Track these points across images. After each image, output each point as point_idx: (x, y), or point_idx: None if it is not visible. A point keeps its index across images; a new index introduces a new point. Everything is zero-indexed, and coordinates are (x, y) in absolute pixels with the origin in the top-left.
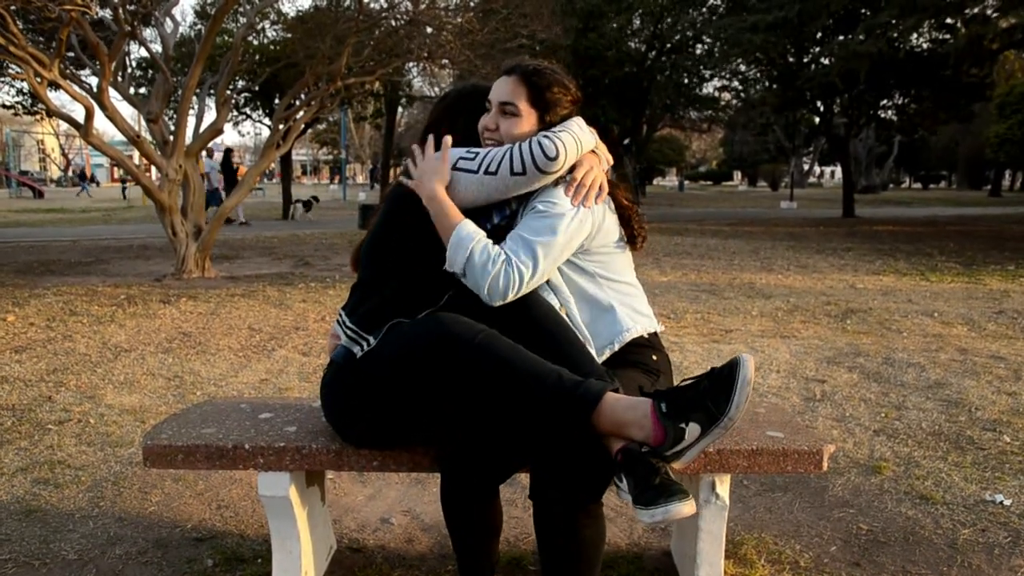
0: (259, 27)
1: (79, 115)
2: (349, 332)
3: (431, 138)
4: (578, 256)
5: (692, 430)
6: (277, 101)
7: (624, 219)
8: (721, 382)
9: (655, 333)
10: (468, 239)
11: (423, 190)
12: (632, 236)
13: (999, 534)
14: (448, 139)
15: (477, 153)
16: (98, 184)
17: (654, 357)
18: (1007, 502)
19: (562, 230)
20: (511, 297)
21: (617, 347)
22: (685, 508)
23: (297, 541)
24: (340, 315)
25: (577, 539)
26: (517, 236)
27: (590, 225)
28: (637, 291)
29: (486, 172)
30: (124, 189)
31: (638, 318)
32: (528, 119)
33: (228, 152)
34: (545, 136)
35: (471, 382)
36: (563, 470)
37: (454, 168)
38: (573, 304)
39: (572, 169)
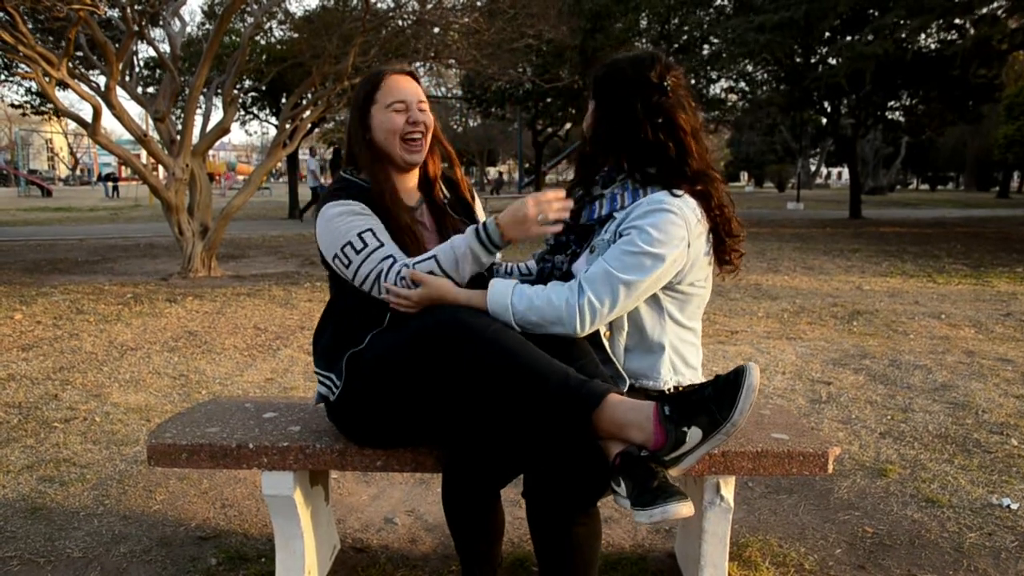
0: (266, 27)
1: (87, 114)
2: (316, 374)
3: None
4: (661, 289)
5: (693, 434)
6: (284, 100)
7: (717, 236)
8: (726, 388)
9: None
10: (502, 295)
11: (459, 302)
12: (723, 256)
13: (1006, 538)
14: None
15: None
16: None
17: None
18: (1014, 506)
19: (654, 272)
20: (587, 327)
21: (639, 386)
22: (683, 509)
23: (301, 540)
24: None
25: (572, 538)
26: (602, 268)
27: (683, 261)
28: (696, 338)
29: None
30: (115, 187)
31: (682, 369)
32: (593, 112)
33: (338, 152)
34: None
35: (478, 372)
36: (559, 471)
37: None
38: (624, 332)
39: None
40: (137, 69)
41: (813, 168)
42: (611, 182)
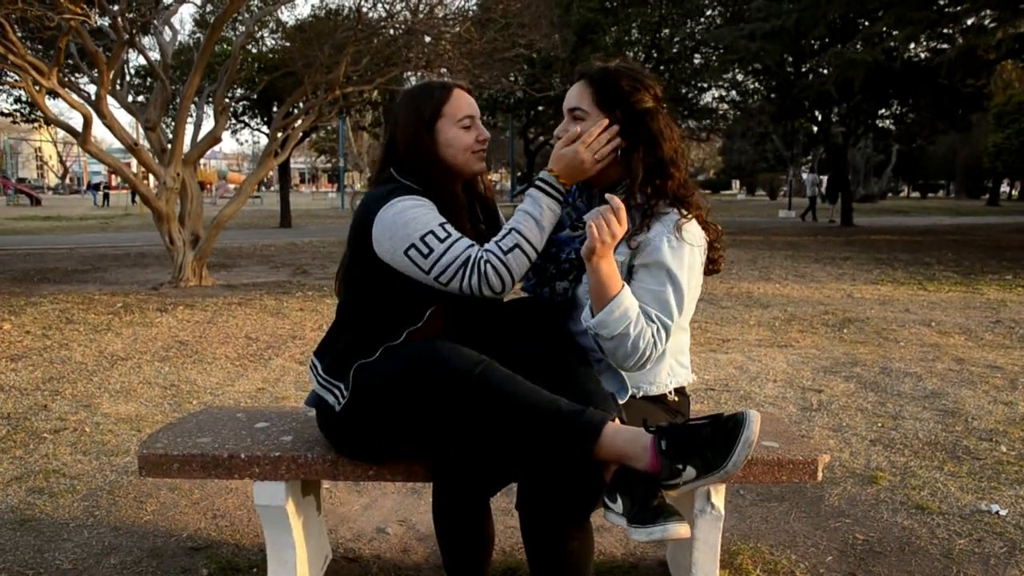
0: (258, 36)
1: (77, 123)
2: (322, 380)
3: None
4: None
5: (688, 473)
6: (275, 109)
7: (708, 243)
8: (724, 435)
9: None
10: (631, 311)
11: (607, 255)
12: (712, 260)
13: (994, 544)
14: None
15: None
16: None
17: (676, 399)
18: (1003, 512)
19: (685, 302)
20: (645, 367)
21: (640, 395)
22: (682, 530)
23: (293, 550)
24: (313, 360)
25: (564, 551)
26: (656, 316)
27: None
28: (687, 339)
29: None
30: (106, 196)
31: (678, 371)
32: (597, 121)
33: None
34: (491, 263)
35: (468, 413)
36: (552, 484)
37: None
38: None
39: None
40: (128, 78)
41: (805, 176)
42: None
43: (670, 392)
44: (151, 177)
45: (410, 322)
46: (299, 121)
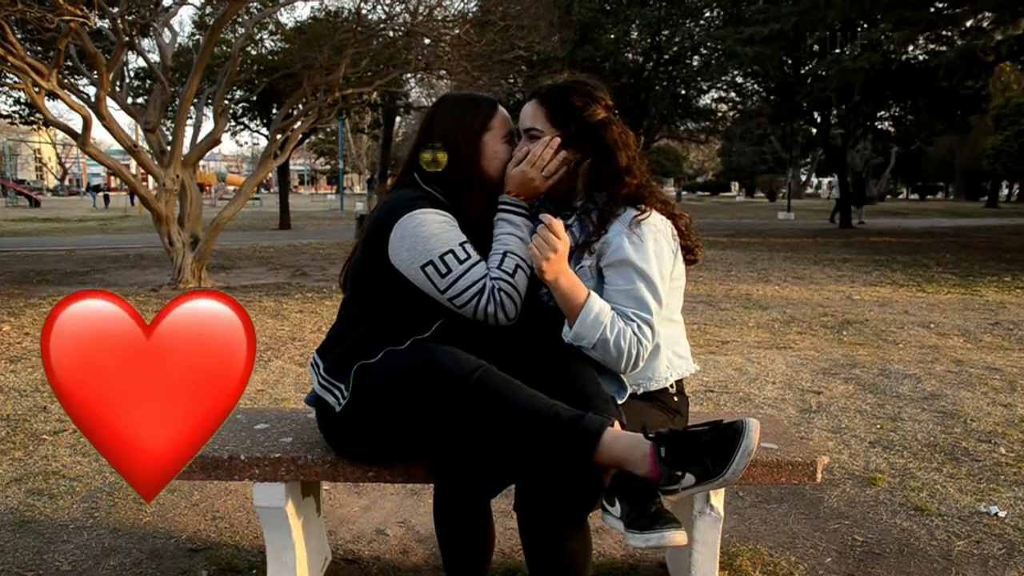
0: (257, 37)
1: (77, 125)
2: (322, 380)
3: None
4: None
5: (687, 480)
6: (275, 111)
7: (680, 233)
8: (724, 443)
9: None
10: (602, 315)
11: (561, 270)
12: (689, 250)
13: (993, 546)
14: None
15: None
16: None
17: (676, 399)
18: (1002, 514)
19: (661, 294)
20: (636, 368)
21: (641, 391)
22: (679, 537)
23: (292, 552)
24: (315, 359)
25: (563, 551)
26: (633, 314)
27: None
28: (681, 329)
29: (442, 291)
30: (107, 198)
31: (677, 363)
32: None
33: None
34: (504, 290)
35: (468, 418)
36: (550, 485)
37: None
38: None
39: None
40: (127, 80)
41: (803, 178)
42: (567, 207)
43: (671, 386)
44: (150, 179)
45: (416, 331)
46: (298, 123)
